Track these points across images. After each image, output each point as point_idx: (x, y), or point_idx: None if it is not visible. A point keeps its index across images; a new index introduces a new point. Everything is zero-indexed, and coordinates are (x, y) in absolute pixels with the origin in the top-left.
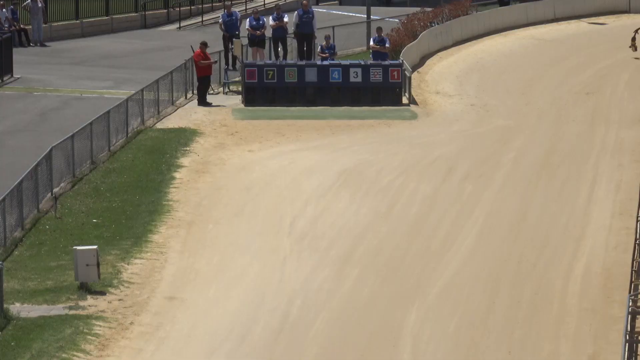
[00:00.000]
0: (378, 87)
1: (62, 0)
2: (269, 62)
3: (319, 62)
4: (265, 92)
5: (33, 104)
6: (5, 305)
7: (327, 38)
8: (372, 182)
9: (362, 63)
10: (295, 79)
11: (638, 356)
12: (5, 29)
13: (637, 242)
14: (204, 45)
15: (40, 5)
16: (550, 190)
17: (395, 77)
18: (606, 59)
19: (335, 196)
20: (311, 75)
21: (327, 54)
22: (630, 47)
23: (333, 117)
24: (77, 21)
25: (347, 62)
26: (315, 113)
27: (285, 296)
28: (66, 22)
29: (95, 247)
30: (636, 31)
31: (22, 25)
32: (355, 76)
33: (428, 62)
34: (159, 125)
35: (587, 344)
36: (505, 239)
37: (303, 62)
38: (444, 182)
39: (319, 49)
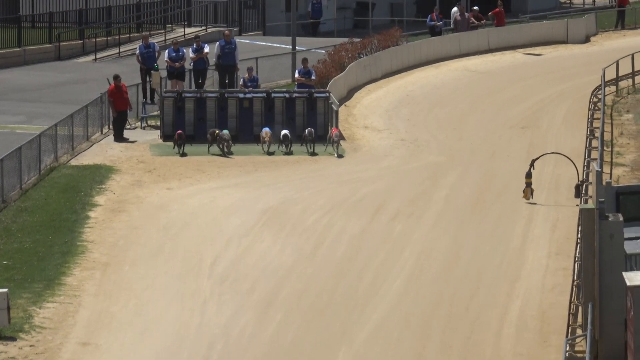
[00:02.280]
0: (303, 120)
1: None
2: (189, 92)
3: (241, 95)
4: (185, 127)
5: None
6: None
7: (249, 70)
8: (297, 221)
9: (287, 96)
10: (215, 110)
11: None
12: None
13: (575, 283)
14: (116, 79)
15: None
16: (484, 230)
17: (322, 109)
18: (542, 92)
19: (258, 236)
20: (232, 107)
21: (250, 87)
22: (524, 191)
23: (256, 153)
24: None
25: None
26: (237, 148)
27: (205, 341)
28: None
29: (5, 290)
30: (532, 163)
31: None
32: (280, 108)
33: (356, 95)
34: (74, 162)
35: None
36: (436, 281)
37: (224, 92)
38: (372, 221)
39: (241, 81)
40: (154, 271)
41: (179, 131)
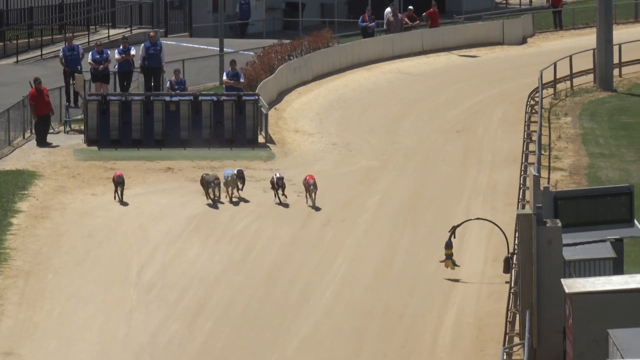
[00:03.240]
0: (232, 124)
1: None
2: (114, 95)
3: (167, 98)
4: (110, 131)
5: None
6: None
7: (176, 72)
8: (226, 227)
9: (215, 99)
10: (141, 114)
11: None
12: None
13: (512, 290)
14: (37, 82)
15: None
16: (418, 236)
17: (251, 112)
18: (478, 94)
19: (186, 243)
20: (158, 111)
21: (178, 89)
22: (444, 262)
23: (183, 158)
24: None
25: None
26: (164, 153)
27: (132, 351)
28: None
29: None
30: (453, 231)
31: None
32: (208, 112)
33: (286, 97)
34: None
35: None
36: (369, 288)
37: (150, 95)
38: (303, 227)
39: (167, 84)
40: (78, 279)
41: (118, 173)
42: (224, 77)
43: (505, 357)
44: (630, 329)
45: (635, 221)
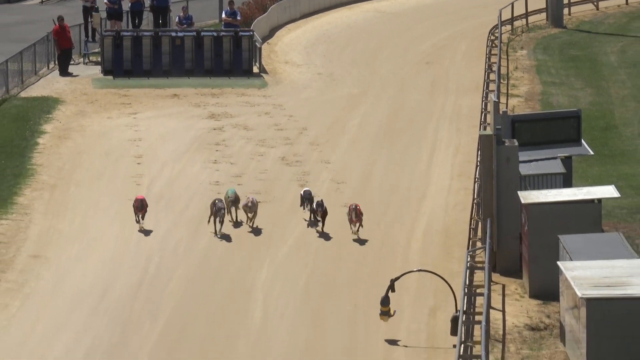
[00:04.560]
0: (230, 56)
1: None
2: (126, 31)
3: (173, 34)
4: (123, 62)
5: None
6: None
7: (184, 9)
8: (225, 147)
9: (215, 35)
10: (150, 48)
11: (474, 307)
12: None
13: (475, 201)
14: (60, 19)
15: None
16: (393, 154)
17: (247, 46)
18: (445, 31)
19: (189, 160)
20: (165, 45)
21: (185, 25)
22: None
23: (187, 86)
24: None
25: (200, 31)
26: (170, 82)
27: (144, 255)
28: None
29: None
30: (392, 284)
31: None
32: (209, 45)
33: (277, 33)
34: (23, 95)
35: (427, 297)
36: (350, 199)
37: (159, 31)
38: (294, 145)
39: (176, 19)
40: (96, 192)
41: (140, 197)
42: (223, 15)
43: (469, 259)
44: (577, 235)
45: (582, 141)
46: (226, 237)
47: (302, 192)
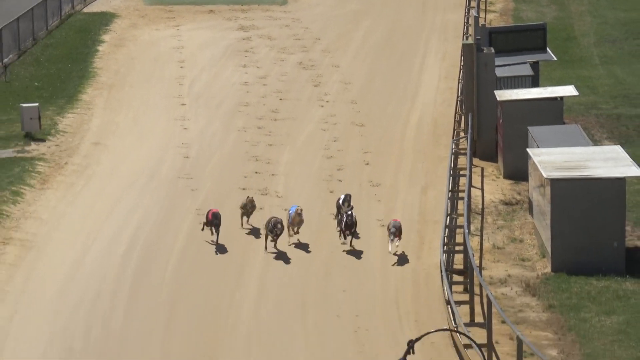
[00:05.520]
0: None
1: None
2: None
3: None
4: None
5: None
6: None
7: None
8: (252, 54)
9: None
10: None
11: (458, 185)
12: None
13: (459, 99)
14: None
15: None
16: (391, 60)
17: None
18: None
19: (223, 65)
20: None
21: None
22: None
23: (221, 3)
24: None
25: None
26: (207, 0)
27: (186, 143)
28: None
29: (37, 104)
30: (411, 346)
31: None
32: None
33: None
34: (86, 10)
35: (420, 177)
36: (356, 101)
37: None
38: (309, 52)
39: None
40: (147, 92)
41: (214, 210)
42: None
43: (454, 146)
44: (543, 127)
45: (548, 49)
46: (253, 128)
47: (340, 198)
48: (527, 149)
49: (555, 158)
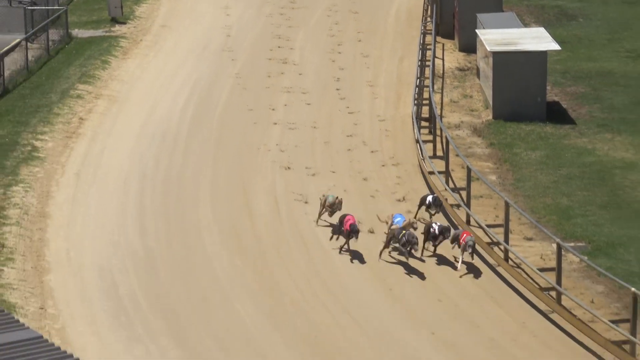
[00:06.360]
0: None
1: None
2: None
3: None
4: None
5: None
6: (69, 30)
7: None
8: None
9: None
10: None
11: (425, 56)
12: None
13: None
14: None
15: None
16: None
17: None
18: None
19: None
20: None
21: None
22: None
23: None
24: None
25: None
26: None
27: (228, 25)
28: None
29: None
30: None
31: None
32: None
33: None
34: None
35: (398, 51)
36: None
37: None
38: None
39: None
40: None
41: (351, 221)
42: None
43: (422, 28)
44: (489, 14)
45: None
46: (278, 22)
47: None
48: (476, 30)
49: (496, 36)
